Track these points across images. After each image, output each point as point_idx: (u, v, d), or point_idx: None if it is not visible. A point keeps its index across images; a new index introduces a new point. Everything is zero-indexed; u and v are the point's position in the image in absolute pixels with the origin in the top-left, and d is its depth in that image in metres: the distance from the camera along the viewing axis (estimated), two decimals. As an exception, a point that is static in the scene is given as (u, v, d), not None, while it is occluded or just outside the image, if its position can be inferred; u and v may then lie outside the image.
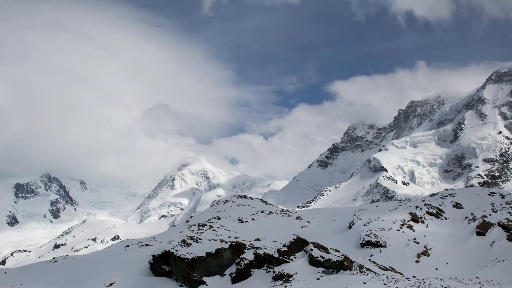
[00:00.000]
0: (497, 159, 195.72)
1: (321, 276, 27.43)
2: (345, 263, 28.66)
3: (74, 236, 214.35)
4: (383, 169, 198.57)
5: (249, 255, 32.50)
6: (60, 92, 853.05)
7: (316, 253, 29.35)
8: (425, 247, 37.91)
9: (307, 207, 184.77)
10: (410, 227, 42.22)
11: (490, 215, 41.21)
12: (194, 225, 47.21)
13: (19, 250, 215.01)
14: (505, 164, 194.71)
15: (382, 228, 41.69)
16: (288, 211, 63.17)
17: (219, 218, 53.67)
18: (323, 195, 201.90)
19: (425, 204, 47.17)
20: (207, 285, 32.70)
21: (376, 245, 38.89)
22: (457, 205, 47.96)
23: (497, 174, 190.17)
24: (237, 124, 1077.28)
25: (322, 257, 28.89)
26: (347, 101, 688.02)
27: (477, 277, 28.32)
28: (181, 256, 33.95)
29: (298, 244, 32.18)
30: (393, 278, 26.38)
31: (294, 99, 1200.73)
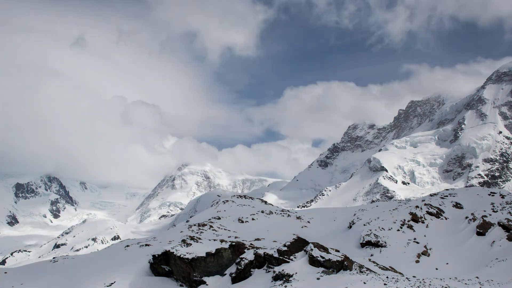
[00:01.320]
0: (497, 159, 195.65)
1: (321, 276, 27.44)
2: (345, 263, 28.67)
3: (74, 236, 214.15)
4: (383, 169, 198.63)
5: (249, 255, 32.51)
6: (60, 93, 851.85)
7: (316, 253, 29.35)
8: (425, 247, 37.93)
9: (307, 207, 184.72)
10: (410, 227, 42.24)
11: (490, 215, 41.21)
12: (194, 225, 47.23)
13: (19, 250, 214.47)
14: (505, 164, 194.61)
15: (382, 228, 41.71)
16: (288, 211, 63.20)
17: (219, 218, 53.70)
18: (323, 195, 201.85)
19: (425, 204, 47.18)
20: (207, 285, 32.71)
21: (376, 245, 38.90)
22: (457, 205, 47.97)
23: (497, 174, 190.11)
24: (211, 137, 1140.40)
25: (322, 257, 28.89)
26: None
27: (477, 277, 28.33)
28: (181, 256, 33.96)
29: (298, 244, 32.19)
30: (393, 278, 26.39)
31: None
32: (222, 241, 37.37)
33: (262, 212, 58.42)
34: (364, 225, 43.81)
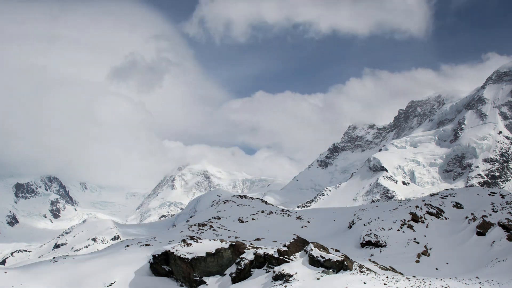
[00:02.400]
0: (497, 159, 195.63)
1: (321, 276, 27.43)
2: (345, 263, 28.66)
3: (74, 236, 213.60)
4: (383, 169, 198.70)
5: (249, 255, 32.50)
6: (60, 94, 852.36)
7: (316, 253, 29.34)
8: (425, 247, 37.94)
9: (307, 207, 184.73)
10: (410, 227, 42.24)
11: (490, 215, 41.21)
12: (194, 225, 47.25)
13: (19, 250, 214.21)
14: (505, 164, 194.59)
15: (382, 228, 41.71)
16: (288, 211, 63.22)
17: (219, 218, 53.72)
18: (323, 195, 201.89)
19: (425, 204, 47.19)
20: (207, 285, 32.71)
21: (376, 245, 38.90)
22: (457, 205, 47.97)
23: (497, 174, 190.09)
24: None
25: (322, 257, 28.88)
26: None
27: (477, 277, 28.33)
28: (181, 256, 33.96)
29: (298, 244, 32.18)
30: (393, 278, 26.39)
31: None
32: (222, 241, 37.36)
33: (262, 212, 58.45)
34: (364, 225, 43.82)
